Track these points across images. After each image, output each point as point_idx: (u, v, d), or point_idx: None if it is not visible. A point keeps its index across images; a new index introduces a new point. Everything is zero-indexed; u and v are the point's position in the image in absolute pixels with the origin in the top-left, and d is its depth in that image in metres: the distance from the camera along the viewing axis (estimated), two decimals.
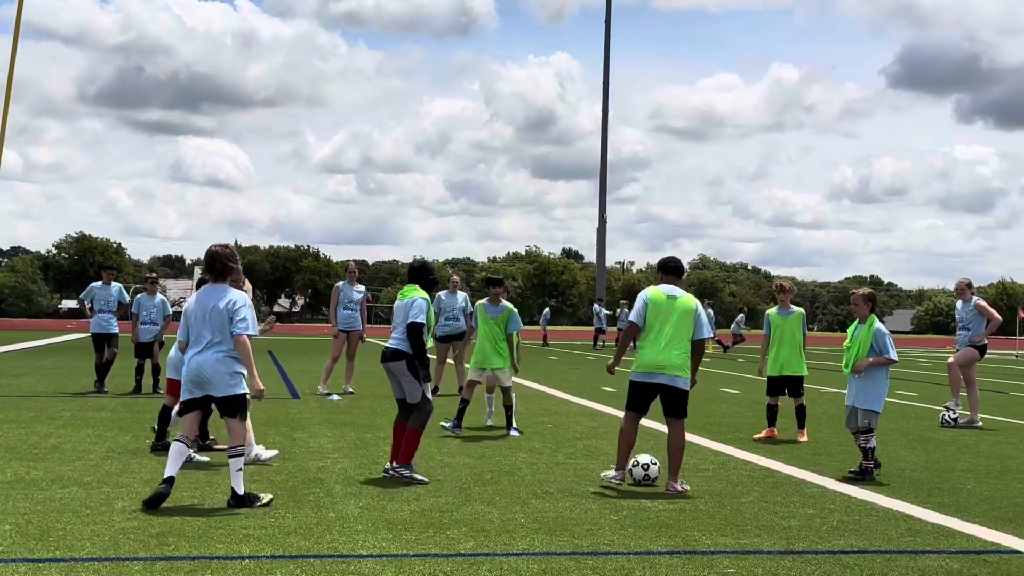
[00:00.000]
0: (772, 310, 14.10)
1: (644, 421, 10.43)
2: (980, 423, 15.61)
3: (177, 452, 8.58)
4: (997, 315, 15.89)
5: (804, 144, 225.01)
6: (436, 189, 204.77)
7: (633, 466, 10.05)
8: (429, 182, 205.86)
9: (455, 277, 20.20)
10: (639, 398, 10.04)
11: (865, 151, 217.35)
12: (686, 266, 10.64)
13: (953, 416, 15.50)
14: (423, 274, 10.62)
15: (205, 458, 10.82)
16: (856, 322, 11.09)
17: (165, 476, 8.51)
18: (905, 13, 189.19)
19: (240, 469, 8.59)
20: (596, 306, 47.97)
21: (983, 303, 15.99)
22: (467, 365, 15.11)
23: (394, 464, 10.05)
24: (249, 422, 9.80)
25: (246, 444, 8.91)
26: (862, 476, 10.59)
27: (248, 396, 8.78)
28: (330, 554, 7.07)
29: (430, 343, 10.46)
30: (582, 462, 11.25)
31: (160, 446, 11.28)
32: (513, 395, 14.00)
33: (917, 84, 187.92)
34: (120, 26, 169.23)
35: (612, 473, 10.06)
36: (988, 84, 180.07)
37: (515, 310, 14.25)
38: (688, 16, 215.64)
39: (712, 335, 15.27)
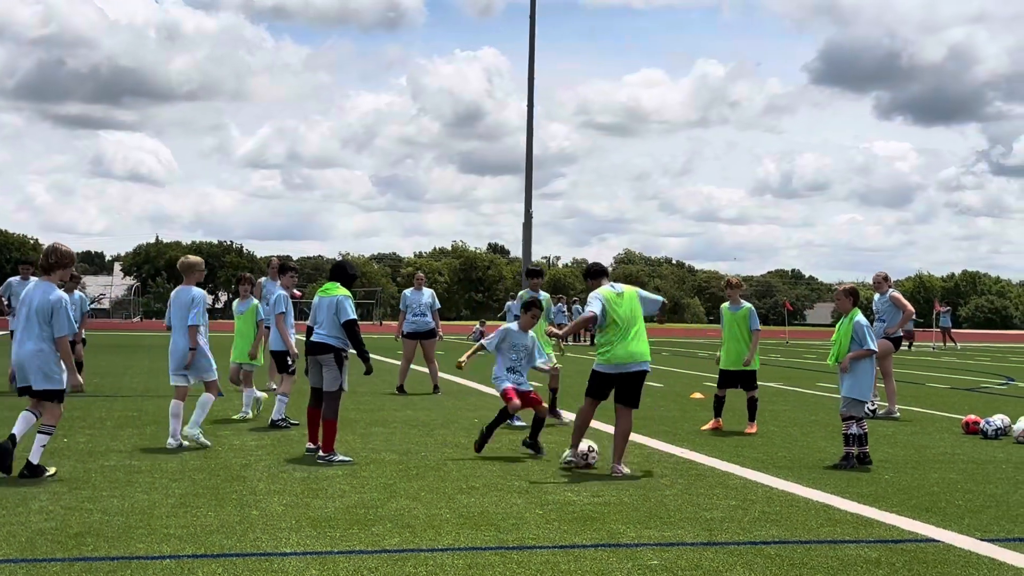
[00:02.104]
0: (725, 305, 14.37)
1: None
2: (897, 414, 15.91)
3: (23, 419, 9.65)
4: (911, 307, 16.20)
5: (729, 140, 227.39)
6: (362, 184, 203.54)
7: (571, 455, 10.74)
8: (355, 177, 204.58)
9: (420, 274, 19.99)
10: (603, 387, 10.57)
11: (788, 147, 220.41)
12: (608, 266, 11.20)
13: (871, 407, 15.78)
14: (345, 272, 11.43)
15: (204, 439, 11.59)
16: (842, 316, 11.47)
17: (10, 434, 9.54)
18: (828, 11, 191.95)
19: (44, 445, 9.56)
20: (511, 303, 47.99)
21: (898, 295, 16.29)
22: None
23: (319, 454, 10.88)
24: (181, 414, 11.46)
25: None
26: (844, 464, 10.88)
27: (65, 390, 9.74)
28: (253, 552, 7.00)
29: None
30: (508, 457, 11.27)
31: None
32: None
33: (838, 81, 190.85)
34: (40, 19, 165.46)
35: (568, 452, 10.64)
36: (907, 81, 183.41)
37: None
38: (614, 12, 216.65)
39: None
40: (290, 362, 13.83)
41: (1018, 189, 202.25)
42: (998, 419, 13.68)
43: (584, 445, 10.64)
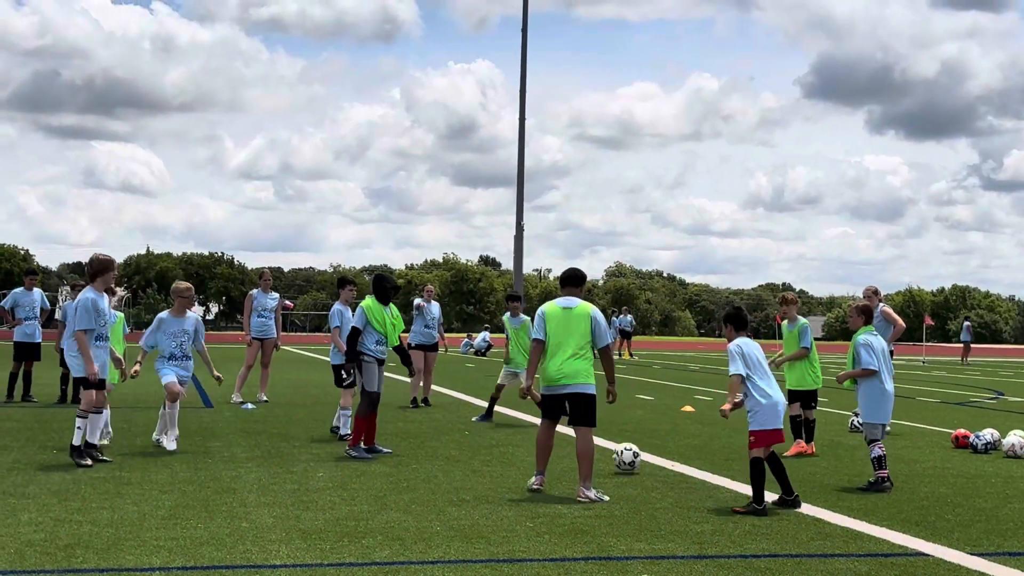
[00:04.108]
0: (784, 323, 14.01)
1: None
2: (888, 427, 15.91)
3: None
4: (902, 322, 16.21)
5: (721, 153, 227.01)
6: (355, 196, 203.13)
7: (625, 449, 11.28)
8: (348, 189, 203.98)
9: (430, 286, 19.59)
10: (551, 408, 10.18)
11: (780, 160, 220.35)
12: (587, 275, 10.74)
13: (857, 422, 15.77)
14: (377, 284, 12.71)
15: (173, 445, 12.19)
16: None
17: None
18: (821, 25, 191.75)
19: (79, 427, 10.99)
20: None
21: (889, 310, 16.29)
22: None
23: (346, 448, 12.27)
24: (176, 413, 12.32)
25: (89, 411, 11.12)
26: (869, 487, 10.59)
27: (88, 378, 10.99)
28: (243, 564, 6.99)
29: None
30: (498, 469, 11.26)
31: None
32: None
33: (831, 95, 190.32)
34: (36, 30, 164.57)
35: (533, 479, 10.13)
36: (900, 96, 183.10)
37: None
38: (608, 25, 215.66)
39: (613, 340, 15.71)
40: (344, 375, 13.77)
41: (1008, 204, 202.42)
42: (988, 433, 13.71)
43: (634, 448, 11.32)
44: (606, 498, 9.66)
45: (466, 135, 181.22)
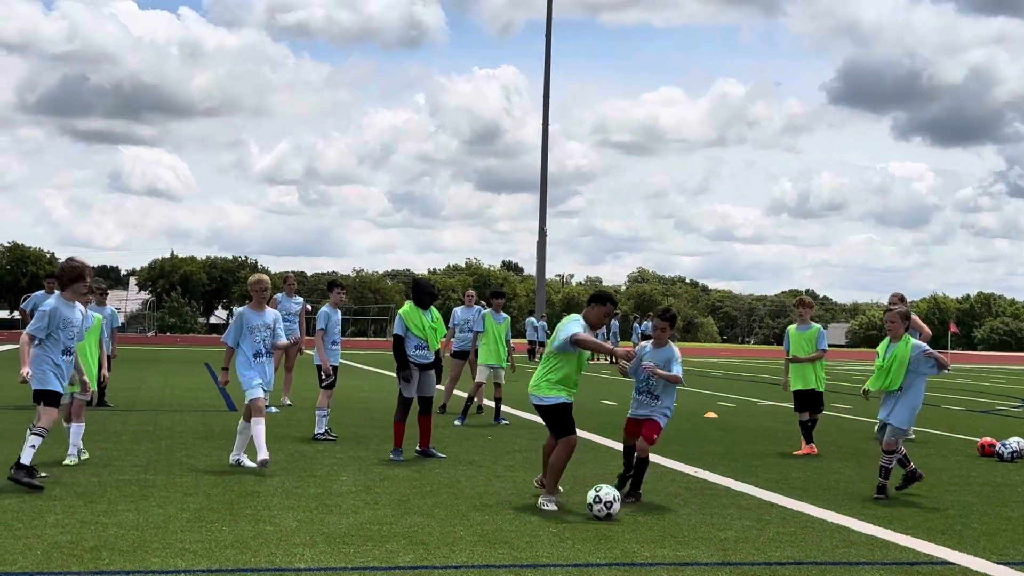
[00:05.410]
0: (792, 326, 14.14)
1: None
2: (912, 436, 15.84)
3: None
4: (928, 329, 16.13)
5: (746, 159, 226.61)
6: (379, 201, 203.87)
7: (595, 502, 9.06)
8: (372, 194, 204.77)
9: (471, 291, 19.42)
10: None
11: (805, 166, 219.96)
12: (615, 297, 10.64)
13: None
14: (415, 289, 12.70)
15: (251, 463, 11.27)
16: (887, 340, 10.94)
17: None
18: (848, 31, 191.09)
19: (33, 446, 9.69)
20: (532, 319, 48.09)
21: (915, 317, 16.22)
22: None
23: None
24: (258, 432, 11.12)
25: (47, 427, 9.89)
26: (880, 495, 10.54)
27: (35, 386, 9.86)
28: (267, 568, 7.01)
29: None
30: (521, 475, 11.26)
31: None
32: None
33: (857, 101, 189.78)
34: (65, 35, 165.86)
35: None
36: (926, 102, 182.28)
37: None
38: (633, 31, 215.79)
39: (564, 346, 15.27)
40: (323, 377, 14.32)
41: None
42: (1014, 441, 13.62)
43: (609, 498, 9.06)
44: (551, 507, 9.35)
45: (490, 140, 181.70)
